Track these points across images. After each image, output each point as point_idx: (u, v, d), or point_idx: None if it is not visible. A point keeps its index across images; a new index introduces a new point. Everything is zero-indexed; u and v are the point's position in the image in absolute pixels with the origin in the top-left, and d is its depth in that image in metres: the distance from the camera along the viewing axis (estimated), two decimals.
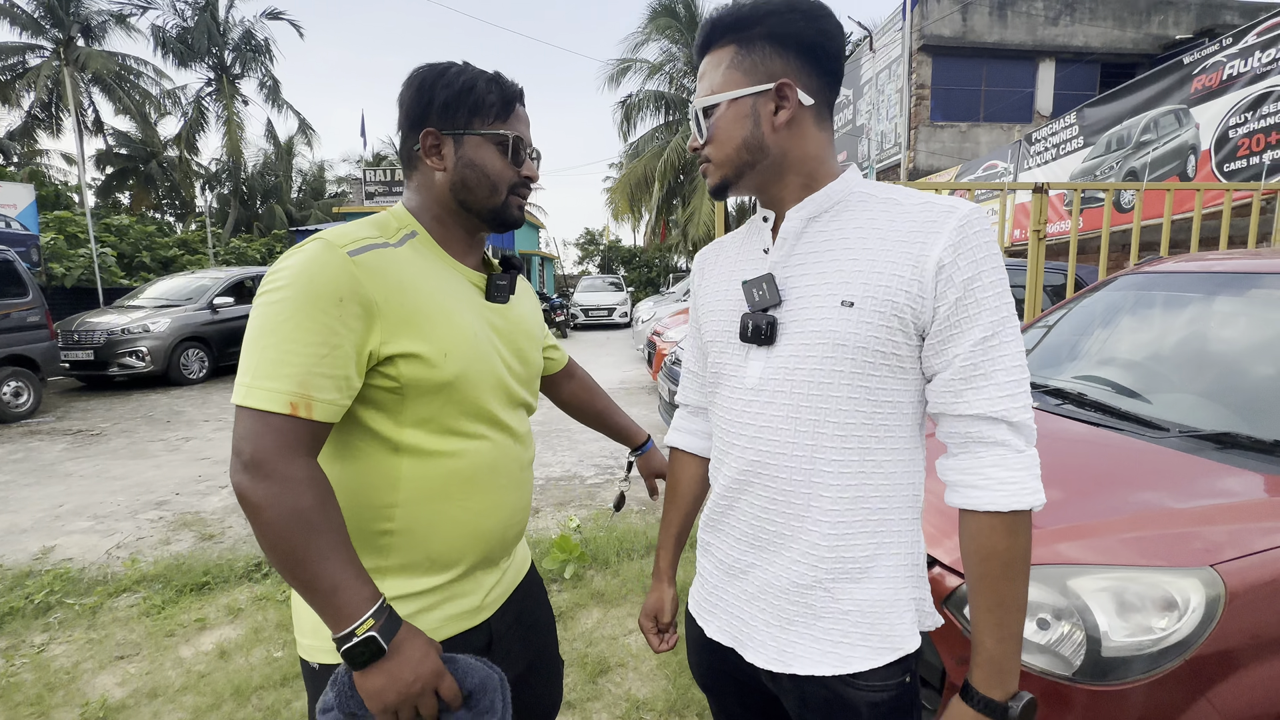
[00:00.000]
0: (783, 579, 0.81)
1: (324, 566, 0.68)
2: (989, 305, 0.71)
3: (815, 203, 0.79)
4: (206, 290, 8.58)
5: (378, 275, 0.77)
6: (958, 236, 0.71)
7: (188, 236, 17.20)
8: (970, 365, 0.71)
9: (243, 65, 22.99)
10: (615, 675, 2.05)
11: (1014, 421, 0.71)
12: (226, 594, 2.57)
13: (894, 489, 0.79)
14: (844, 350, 0.74)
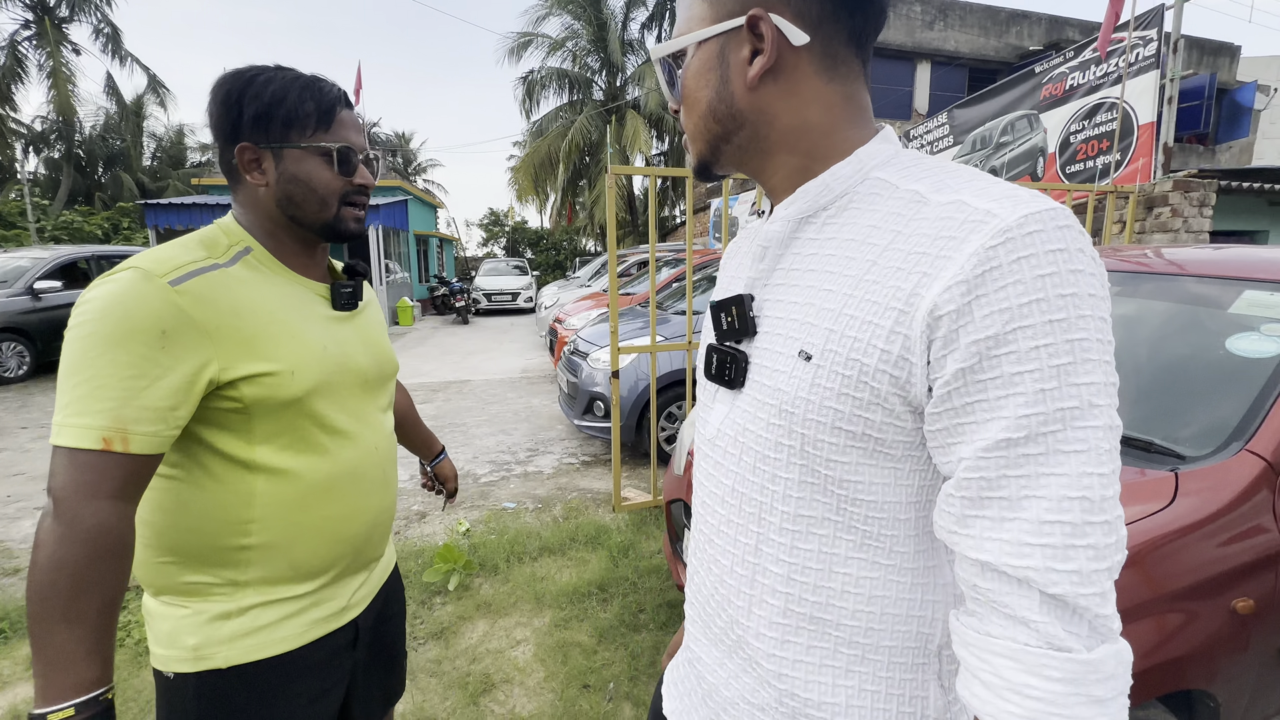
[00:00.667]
0: (733, 687, 0.61)
1: (59, 632, 0.65)
2: (1028, 387, 0.42)
3: (808, 196, 0.55)
4: (24, 273, 7.29)
5: (206, 303, 0.75)
6: (979, 266, 0.43)
7: (3, 207, 14.61)
8: (981, 481, 0.44)
9: (71, 8, 19.68)
10: (499, 693, 1.94)
11: (1057, 595, 0.42)
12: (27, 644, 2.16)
13: (881, 619, 0.54)
14: (793, 419, 0.52)
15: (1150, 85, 4.49)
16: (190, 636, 0.82)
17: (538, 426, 5.08)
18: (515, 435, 4.83)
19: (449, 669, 2.04)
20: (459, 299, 13.69)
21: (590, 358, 4.18)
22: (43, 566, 0.66)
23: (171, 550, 0.81)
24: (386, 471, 0.97)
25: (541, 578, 2.58)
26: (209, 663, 0.81)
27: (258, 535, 0.82)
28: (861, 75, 0.56)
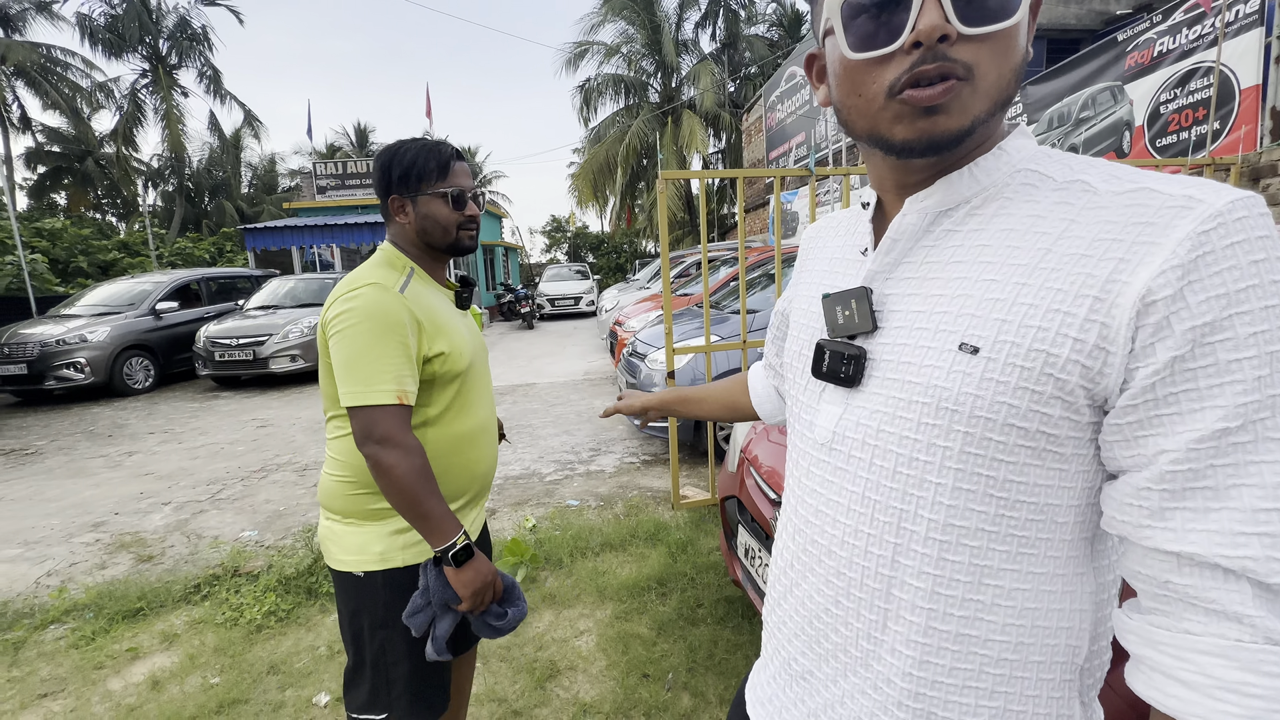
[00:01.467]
0: (848, 706, 0.57)
1: (433, 504, 1.05)
2: (1246, 374, 0.41)
3: (951, 189, 0.52)
4: (148, 295, 8.21)
5: (416, 303, 1.11)
6: (1194, 251, 0.42)
7: (129, 238, 16.42)
8: (1189, 472, 0.43)
9: (180, 55, 21.89)
10: (564, 679, 2.04)
11: (1273, 584, 0.41)
12: (162, 619, 2.47)
13: (1032, 633, 0.51)
14: (955, 418, 0.49)
15: (1254, 45, 4.07)
16: (377, 545, 1.16)
17: (600, 427, 5.21)
18: (578, 435, 4.99)
19: (518, 655, 2.17)
20: (524, 305, 14.15)
21: (648, 359, 4.27)
22: (407, 473, 1.03)
23: (367, 485, 1.14)
24: (496, 429, 1.33)
25: (603, 572, 2.67)
26: (391, 564, 1.15)
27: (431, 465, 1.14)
28: None
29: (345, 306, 1.06)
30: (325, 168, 16.48)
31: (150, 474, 4.52)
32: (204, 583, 2.70)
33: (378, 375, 1.03)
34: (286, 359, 7.55)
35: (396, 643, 1.16)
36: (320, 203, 16.13)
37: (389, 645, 1.16)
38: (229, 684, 2.05)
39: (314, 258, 15.72)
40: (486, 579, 1.10)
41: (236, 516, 3.61)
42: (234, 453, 4.96)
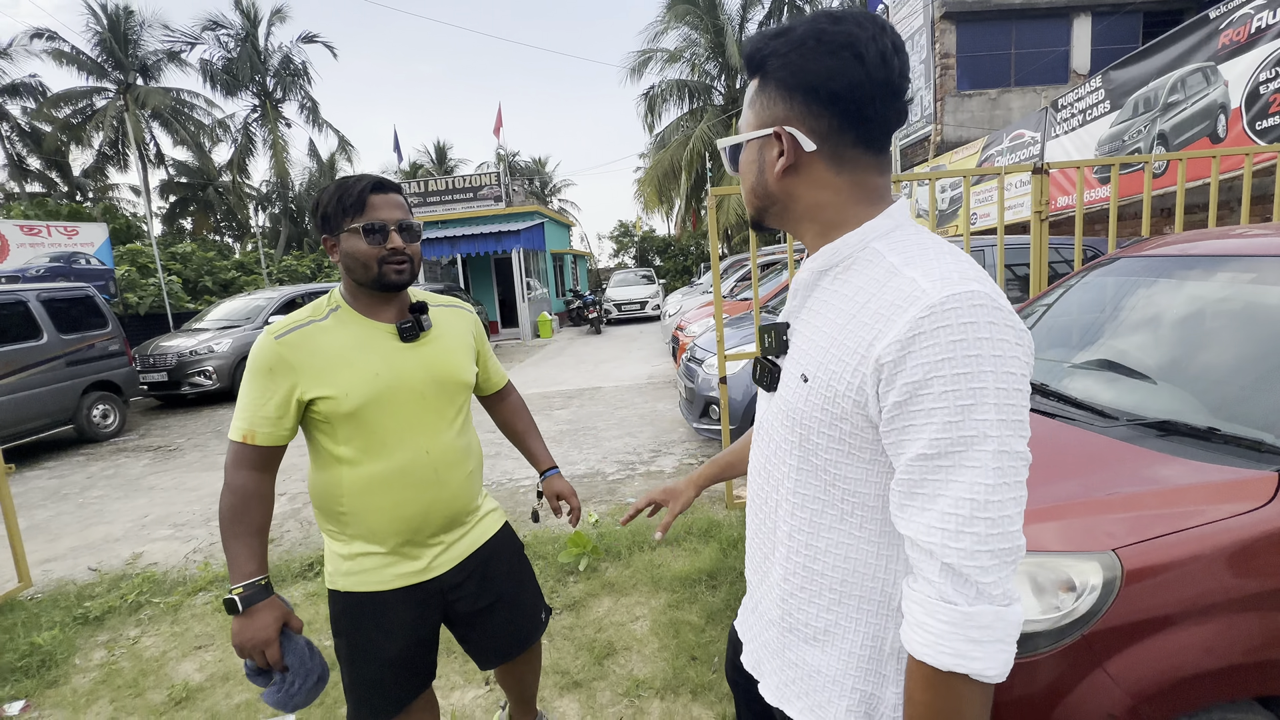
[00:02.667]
0: (765, 601, 0.84)
1: (232, 545, 1.10)
2: (940, 419, 0.59)
3: (824, 257, 0.73)
4: (262, 310, 9.23)
5: (297, 348, 1.14)
6: (910, 331, 0.60)
7: (244, 258, 18.34)
8: (910, 480, 0.63)
9: (283, 90, 24.14)
10: (620, 657, 2.26)
11: (950, 564, 0.59)
12: (285, 591, 2.91)
13: (854, 574, 0.73)
14: (793, 423, 0.73)
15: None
16: (330, 564, 1.26)
17: (661, 429, 5.42)
18: (640, 437, 5.22)
19: (579, 635, 2.41)
20: (592, 310, 14.60)
21: (705, 364, 4.43)
22: (222, 510, 1.13)
23: (318, 508, 1.24)
24: (439, 472, 1.24)
25: (658, 564, 2.87)
26: (334, 585, 1.25)
27: (346, 505, 1.20)
28: (874, 164, 0.72)
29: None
30: (409, 186, 17.70)
31: None
32: (316, 562, 3.13)
33: (237, 415, 1.14)
34: None
35: (343, 653, 1.27)
36: None
37: (340, 653, 1.28)
38: None
39: None
40: (249, 639, 1.07)
41: None
42: None
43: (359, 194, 1.16)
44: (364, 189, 1.17)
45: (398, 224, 1.18)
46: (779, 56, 0.69)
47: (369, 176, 1.20)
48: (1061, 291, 2.47)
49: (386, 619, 1.24)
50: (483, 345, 1.47)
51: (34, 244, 9.61)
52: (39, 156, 21.77)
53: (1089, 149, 6.02)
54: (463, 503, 1.32)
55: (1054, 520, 1.34)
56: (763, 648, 0.85)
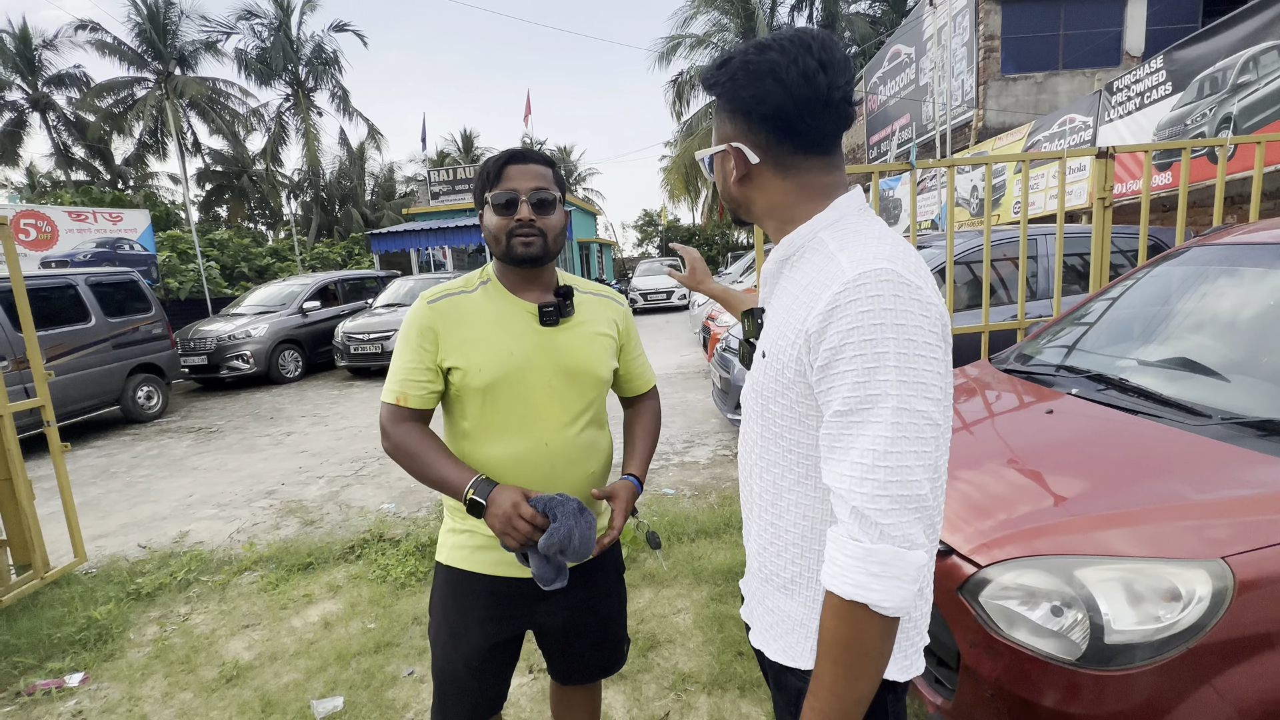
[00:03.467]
0: (752, 559, 0.93)
1: (432, 472, 1.10)
2: (850, 380, 0.67)
3: (783, 248, 0.84)
4: (296, 296, 9.40)
5: (444, 315, 1.15)
6: (829, 305, 0.69)
7: (278, 245, 18.71)
8: (830, 435, 0.71)
9: (315, 79, 24.45)
10: (664, 650, 2.23)
11: (855, 506, 0.67)
12: (327, 573, 2.94)
13: (812, 529, 0.80)
14: (757, 395, 0.83)
15: None
16: (441, 536, 1.27)
17: (693, 420, 5.36)
18: (672, 428, 5.17)
19: None
20: None
21: None
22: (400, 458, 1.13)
23: None
24: (555, 466, 1.16)
25: (698, 557, 2.83)
26: (439, 556, 1.25)
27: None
28: (819, 165, 0.81)
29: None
30: (438, 174, 17.81)
31: (305, 451, 5.25)
32: (357, 545, 3.17)
33: (391, 377, 1.15)
34: None
35: (431, 630, 1.28)
36: (434, 207, 17.48)
37: (432, 633, 1.28)
38: (382, 629, 2.43)
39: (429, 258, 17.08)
40: (503, 514, 1.03)
41: (376, 491, 4.14)
42: (370, 435, 5.62)
43: (497, 165, 1.14)
44: (503, 160, 1.14)
45: (530, 193, 1.13)
46: (720, 85, 0.81)
47: (514, 148, 1.17)
48: (1132, 283, 2.34)
49: (475, 604, 1.21)
50: (628, 341, 1.33)
51: (81, 230, 9.91)
52: (83, 145, 22.47)
53: (1146, 134, 5.72)
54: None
55: (1151, 523, 1.26)
56: (750, 598, 0.95)
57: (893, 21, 19.37)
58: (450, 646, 1.23)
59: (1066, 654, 1.18)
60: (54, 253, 9.57)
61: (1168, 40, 7.59)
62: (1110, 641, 1.14)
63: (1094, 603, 1.17)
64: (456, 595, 1.23)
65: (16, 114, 21.54)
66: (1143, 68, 5.80)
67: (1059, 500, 1.41)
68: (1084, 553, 1.24)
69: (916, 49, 11.69)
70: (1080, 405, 1.80)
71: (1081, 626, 1.19)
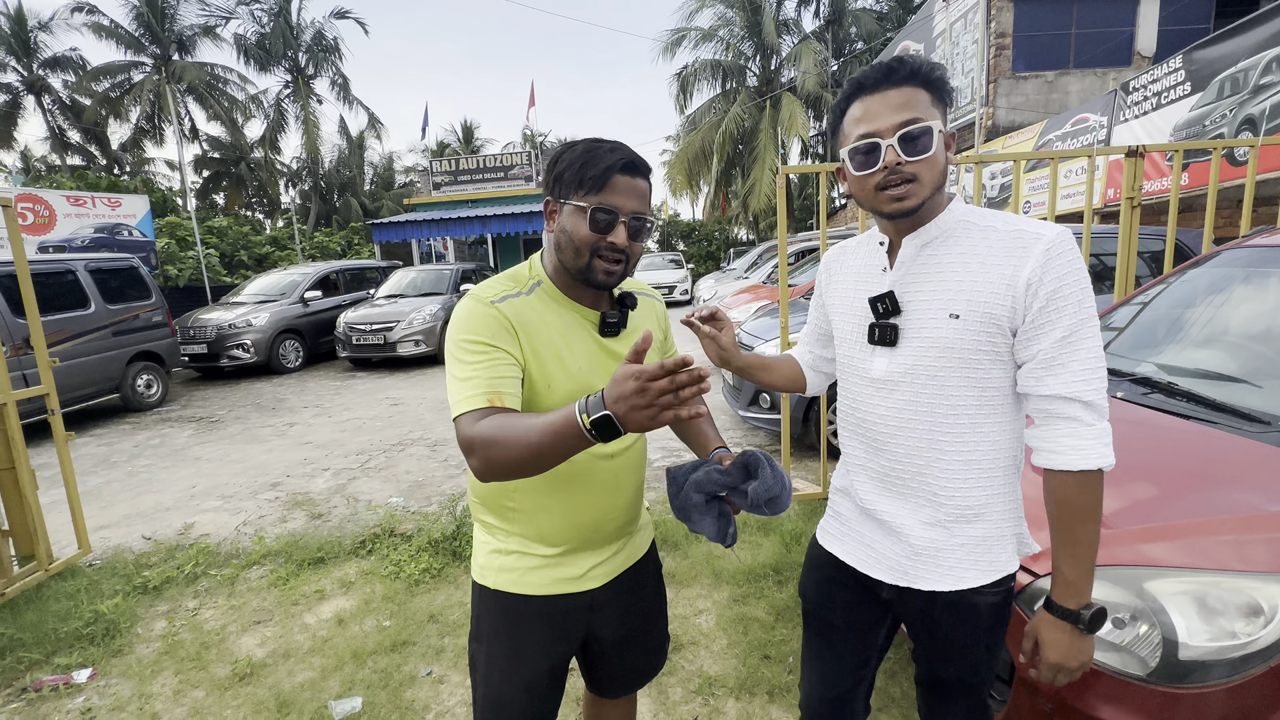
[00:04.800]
0: (911, 519, 1.03)
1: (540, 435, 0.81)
2: (1069, 311, 0.89)
3: (928, 231, 0.98)
4: (297, 285, 9.29)
5: (516, 316, 1.01)
6: (1044, 259, 0.89)
7: (277, 234, 18.53)
8: (1050, 357, 0.90)
9: (315, 66, 24.17)
10: (688, 652, 2.18)
11: (1087, 400, 0.89)
12: (339, 569, 2.88)
13: (999, 452, 0.99)
14: (953, 351, 0.96)
15: None
16: (480, 557, 1.16)
17: None
18: None
19: None
20: None
21: (755, 350, 4.30)
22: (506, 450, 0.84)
23: (480, 497, 1.14)
24: (620, 478, 1.12)
25: (718, 556, 2.78)
26: (483, 580, 1.14)
27: (517, 502, 1.09)
28: None
29: (451, 322, 1.02)
30: (440, 165, 17.66)
31: (309, 443, 5.18)
32: (367, 539, 3.11)
33: (465, 386, 0.94)
34: (411, 344, 8.27)
35: (481, 661, 1.16)
36: (435, 198, 17.34)
37: (477, 660, 1.17)
38: (398, 628, 2.37)
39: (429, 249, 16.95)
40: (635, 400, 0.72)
41: (384, 484, 4.07)
42: (374, 427, 5.55)
43: (605, 169, 0.97)
44: (613, 166, 0.98)
45: (632, 216, 1.00)
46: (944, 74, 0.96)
47: (624, 150, 1.00)
48: (1170, 285, 2.29)
49: (535, 628, 1.13)
50: (669, 339, 1.30)
51: (79, 215, 9.77)
52: (78, 129, 22.17)
53: (1163, 134, 5.67)
54: (635, 510, 1.20)
55: (1225, 535, 1.21)
56: (915, 558, 1.03)
57: (899, 18, 19.26)
58: (508, 673, 1.14)
59: (1136, 669, 1.13)
60: (51, 237, 9.43)
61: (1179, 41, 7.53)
62: (1185, 658, 1.09)
63: (1166, 616, 1.13)
64: (512, 621, 1.13)
65: (11, 96, 21.23)
66: (1160, 67, 5.74)
67: (1119, 508, 1.36)
68: (1153, 564, 1.19)
69: (926, 45, 11.60)
70: (1126, 409, 1.75)
71: (1150, 641, 1.14)
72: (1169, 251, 3.16)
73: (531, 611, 1.12)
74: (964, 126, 10.61)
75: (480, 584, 1.14)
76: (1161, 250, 3.78)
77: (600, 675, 1.29)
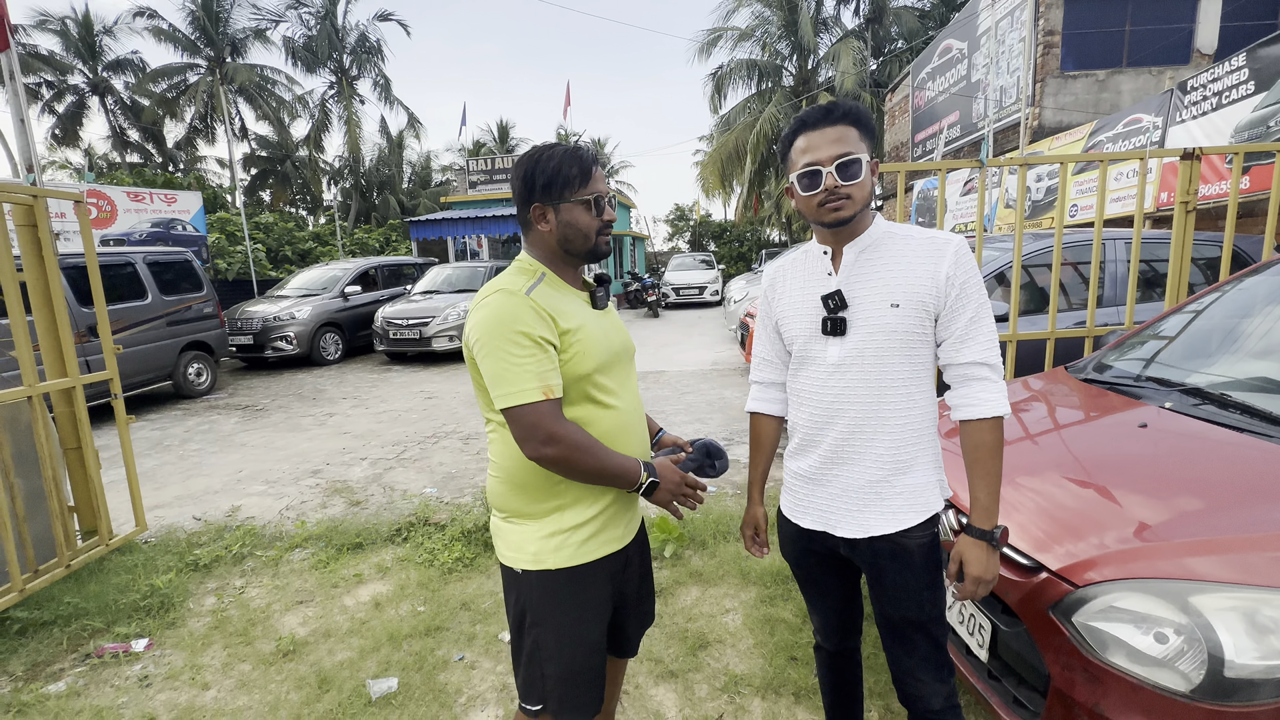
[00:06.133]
0: (859, 479, 1.23)
1: (608, 465, 1.15)
2: (974, 297, 1.17)
3: (863, 241, 1.23)
4: (338, 280, 9.58)
5: (547, 302, 1.15)
6: (955, 258, 1.17)
7: (319, 230, 19.12)
8: (965, 333, 1.17)
9: (359, 67, 24.85)
10: (714, 650, 2.19)
11: (991, 364, 1.17)
12: (376, 554, 2.98)
13: (925, 415, 1.23)
14: (895, 334, 1.17)
15: None
16: (531, 545, 1.21)
17: (731, 418, 5.30)
18: (711, 424, 5.11)
19: (669, 623, 2.35)
20: (650, 293, 14.49)
21: None
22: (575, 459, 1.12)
23: (520, 486, 1.21)
24: (641, 424, 1.33)
25: (745, 557, 2.78)
26: (544, 564, 1.20)
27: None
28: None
29: (477, 318, 1.12)
30: (476, 164, 17.97)
31: (347, 433, 5.35)
32: (403, 527, 3.20)
33: (521, 377, 1.07)
34: (445, 339, 8.46)
35: (549, 641, 1.20)
36: (471, 196, 17.65)
37: (541, 643, 1.21)
38: (432, 613, 2.45)
39: (463, 246, 17.27)
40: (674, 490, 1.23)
41: (419, 475, 4.19)
42: (409, 419, 5.70)
43: (588, 165, 1.18)
44: (592, 160, 1.20)
45: (610, 198, 1.23)
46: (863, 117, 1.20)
47: (585, 149, 1.20)
48: (1225, 292, 2.20)
49: (591, 594, 1.24)
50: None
51: (138, 210, 10.27)
52: (137, 128, 23.27)
53: (1223, 136, 5.42)
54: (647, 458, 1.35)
55: (1271, 551, 1.17)
56: (863, 508, 1.24)
57: (942, 15, 18.80)
58: (580, 640, 1.23)
59: (1179, 685, 1.11)
60: (112, 231, 9.94)
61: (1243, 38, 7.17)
62: (1231, 675, 1.07)
63: (1211, 632, 1.10)
64: (575, 593, 1.22)
65: (78, 98, 22.42)
66: (1221, 66, 5.49)
67: (1164, 520, 1.32)
68: (1199, 578, 1.16)
69: (969, 44, 11.31)
70: (1175, 420, 1.70)
71: (1193, 657, 1.11)
72: (1225, 257, 3.03)
73: (591, 577, 1.23)
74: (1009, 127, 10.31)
75: (539, 570, 1.20)
76: (1217, 257, 3.63)
77: (623, 633, 1.42)
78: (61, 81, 22.10)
